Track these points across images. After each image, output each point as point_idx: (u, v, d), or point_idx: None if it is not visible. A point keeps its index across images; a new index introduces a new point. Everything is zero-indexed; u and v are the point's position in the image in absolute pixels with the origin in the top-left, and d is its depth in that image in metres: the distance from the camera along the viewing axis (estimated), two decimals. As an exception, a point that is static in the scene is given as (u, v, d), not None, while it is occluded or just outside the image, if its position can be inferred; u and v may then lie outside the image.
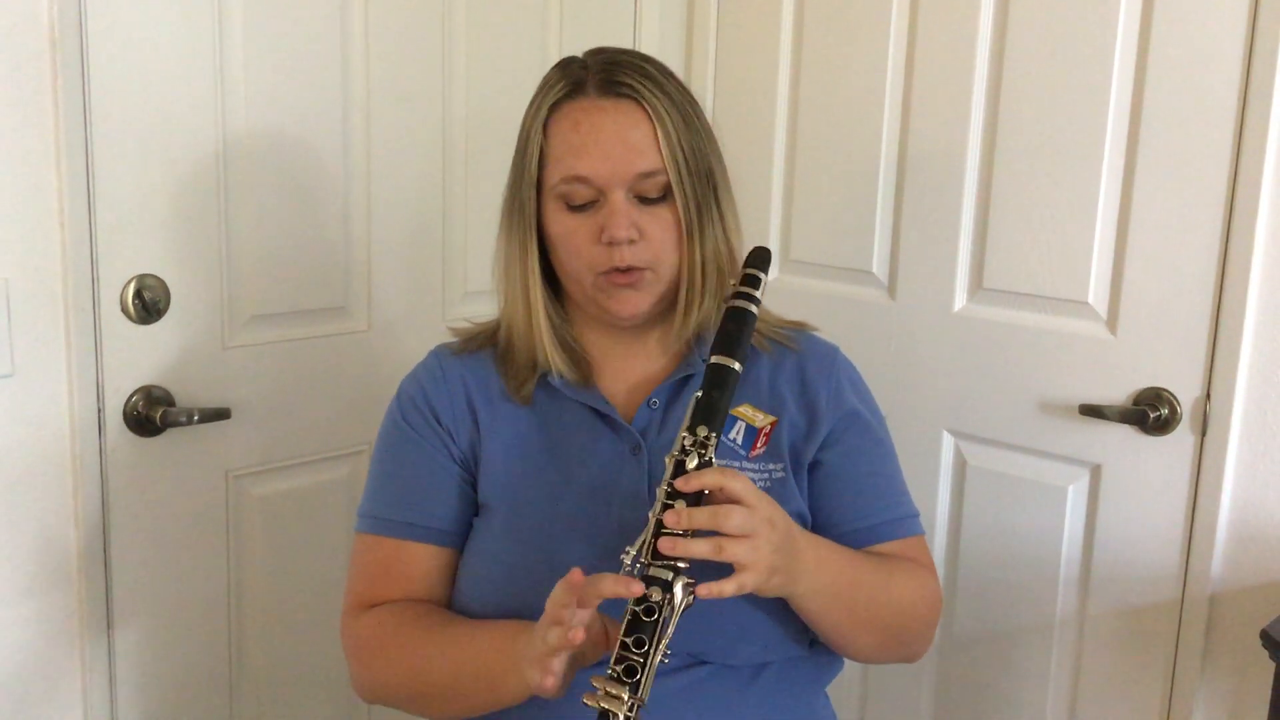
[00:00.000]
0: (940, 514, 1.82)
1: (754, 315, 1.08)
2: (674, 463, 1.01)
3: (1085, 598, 1.68)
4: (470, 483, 1.19)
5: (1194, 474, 1.56)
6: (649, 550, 0.97)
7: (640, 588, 0.94)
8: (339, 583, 1.24)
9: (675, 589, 0.96)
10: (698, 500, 0.99)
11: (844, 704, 1.93)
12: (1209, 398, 1.53)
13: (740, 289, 1.08)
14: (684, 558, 0.96)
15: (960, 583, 1.81)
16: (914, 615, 1.18)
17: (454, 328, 1.28)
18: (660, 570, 0.96)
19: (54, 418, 1.42)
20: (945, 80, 1.73)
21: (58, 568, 1.45)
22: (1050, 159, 1.64)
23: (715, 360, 1.05)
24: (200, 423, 1.52)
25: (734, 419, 1.15)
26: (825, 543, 1.10)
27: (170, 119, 1.48)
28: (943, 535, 1.82)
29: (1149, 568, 1.60)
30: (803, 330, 1.26)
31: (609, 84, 1.11)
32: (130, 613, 1.53)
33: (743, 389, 1.17)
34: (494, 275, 1.20)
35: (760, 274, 1.09)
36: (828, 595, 1.08)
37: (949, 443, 1.80)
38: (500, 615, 1.11)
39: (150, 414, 1.49)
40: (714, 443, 1.01)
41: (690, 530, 0.96)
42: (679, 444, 1.01)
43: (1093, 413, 1.61)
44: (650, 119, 1.10)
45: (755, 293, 1.08)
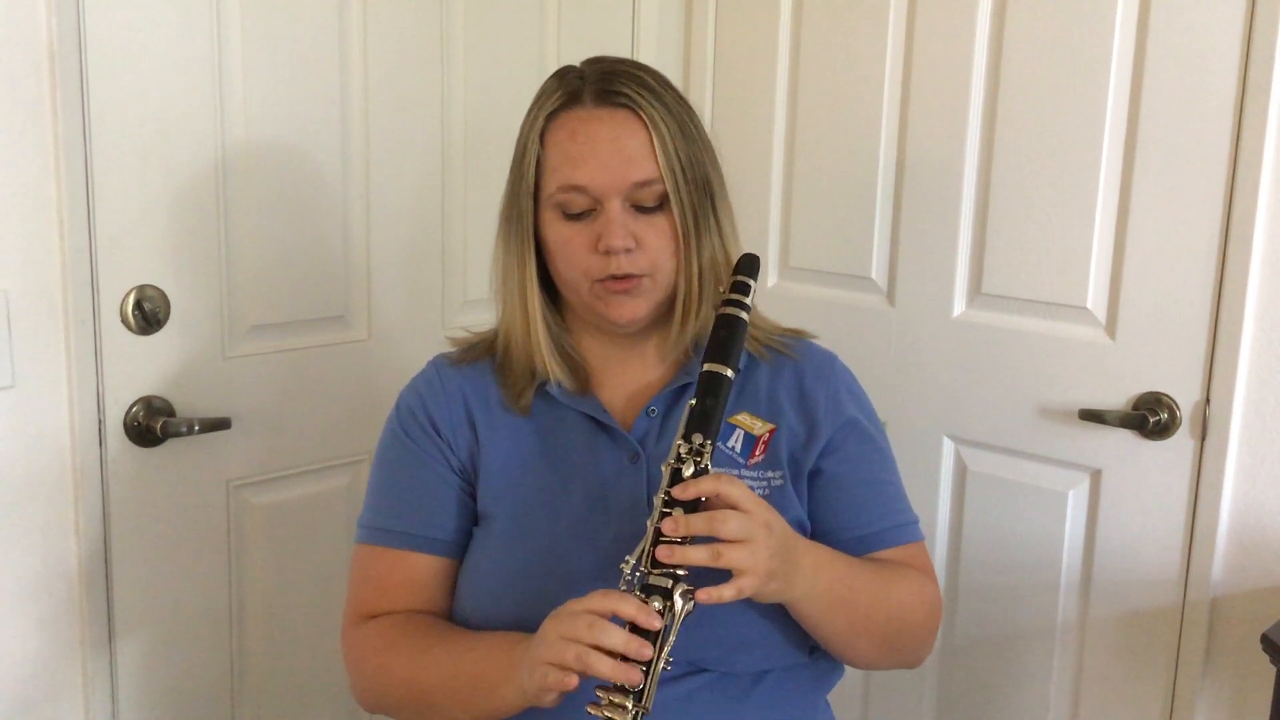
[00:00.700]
0: (941, 519, 1.82)
1: (744, 322, 1.07)
2: (670, 471, 1.01)
3: (1086, 603, 1.68)
4: (470, 493, 1.19)
5: (1194, 478, 1.56)
6: (648, 559, 0.98)
7: (659, 623, 0.95)
8: (340, 592, 1.24)
9: (675, 597, 0.96)
10: (695, 508, 0.99)
11: (845, 711, 1.92)
12: (1208, 402, 1.53)
13: (730, 296, 1.08)
14: (682, 565, 0.97)
15: (961, 588, 1.80)
16: (914, 621, 1.18)
17: (452, 338, 1.28)
18: (660, 579, 0.97)
19: (54, 429, 1.42)
20: (943, 86, 1.73)
21: (59, 579, 1.45)
22: (1048, 164, 1.64)
23: (708, 368, 1.05)
24: (201, 433, 1.52)
25: (732, 427, 1.15)
26: (823, 549, 1.10)
27: (169, 129, 1.48)
28: (943, 541, 1.82)
29: (1150, 572, 1.60)
30: (800, 338, 1.26)
31: (606, 94, 1.11)
32: (132, 623, 1.53)
33: (741, 397, 1.18)
34: (492, 284, 1.21)
35: (750, 280, 1.09)
36: (826, 601, 1.08)
37: (949, 448, 1.80)
38: (500, 624, 1.11)
39: (151, 424, 1.49)
40: (709, 450, 1.02)
41: (688, 537, 0.97)
42: (674, 452, 1.02)
43: (1092, 418, 1.61)
44: (647, 128, 1.10)
45: (745, 299, 1.08)
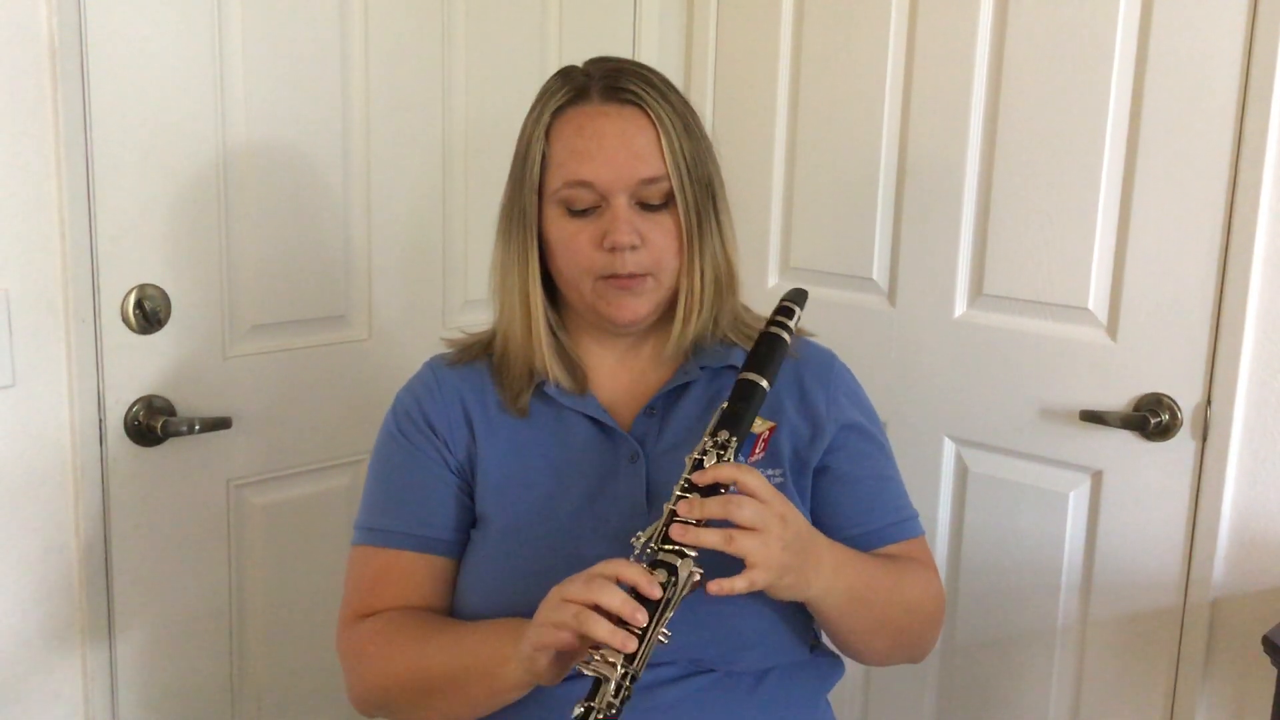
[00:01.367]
0: (941, 520, 1.82)
1: (786, 342, 1.10)
2: (693, 462, 1.02)
3: (1087, 604, 1.68)
4: (468, 493, 1.19)
5: (1195, 479, 1.55)
6: (660, 537, 0.98)
7: (660, 593, 0.95)
8: (340, 591, 1.23)
9: (679, 570, 0.96)
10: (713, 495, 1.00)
11: (845, 711, 1.92)
12: (1210, 403, 1.53)
13: (775, 317, 1.11)
14: (694, 546, 0.97)
15: (962, 589, 1.80)
16: (923, 615, 1.19)
17: (448, 338, 1.28)
18: (669, 555, 0.97)
19: (55, 428, 1.42)
20: (944, 86, 1.73)
21: (59, 578, 1.45)
22: (1050, 164, 1.63)
23: (744, 376, 1.07)
24: (201, 432, 1.52)
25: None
26: (843, 549, 1.11)
27: (170, 129, 1.48)
28: (944, 541, 1.82)
29: (1150, 573, 1.60)
30: (799, 337, 1.26)
31: (613, 90, 1.11)
32: (132, 622, 1.53)
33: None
34: (490, 284, 1.20)
35: (796, 307, 1.12)
36: (847, 600, 1.09)
37: (950, 449, 1.80)
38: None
39: (151, 424, 1.49)
40: (734, 446, 1.03)
41: (703, 522, 0.98)
42: (700, 446, 1.03)
43: (1093, 419, 1.60)
44: (654, 125, 1.11)
45: (789, 322, 1.11)
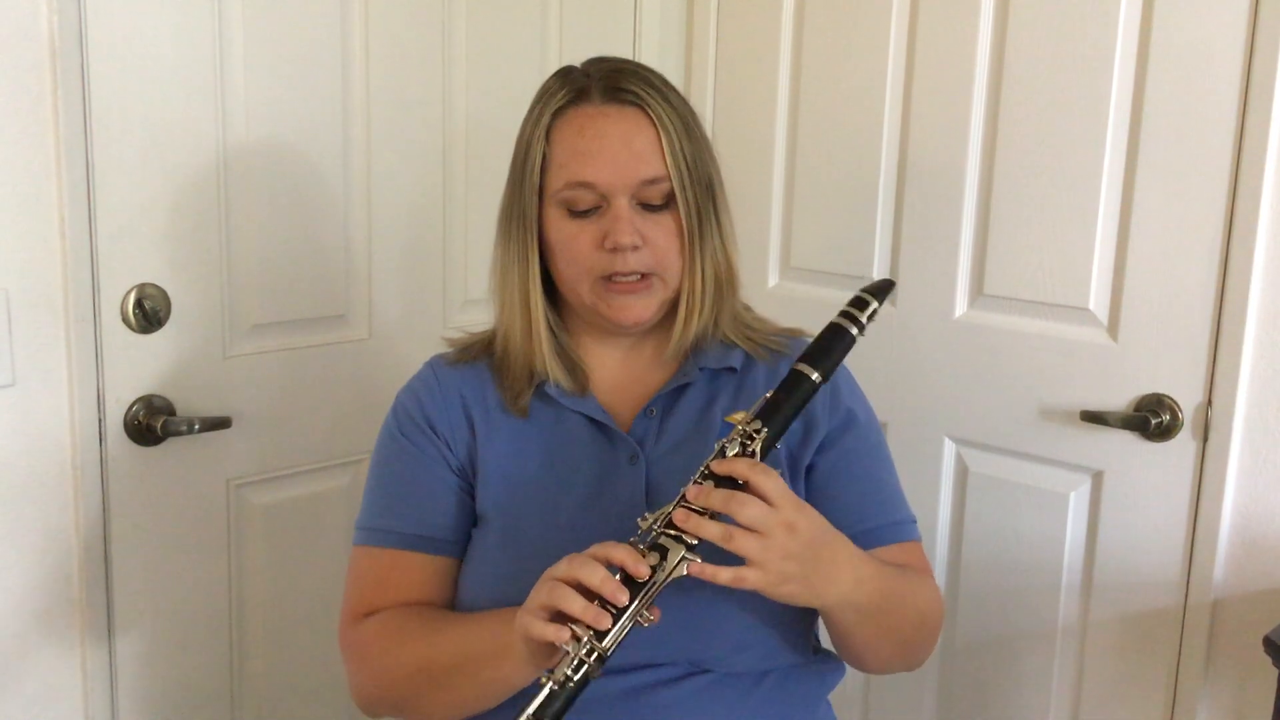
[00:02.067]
0: (942, 520, 1.81)
1: (850, 335, 1.05)
2: (719, 447, 1.01)
3: (1087, 604, 1.67)
4: (469, 493, 1.19)
5: (1196, 480, 1.55)
6: (664, 521, 0.98)
7: (646, 573, 0.95)
8: (340, 591, 1.23)
9: (669, 554, 0.96)
10: (731, 488, 0.99)
11: (845, 711, 1.92)
12: (1210, 404, 1.53)
13: (846, 308, 1.06)
14: (694, 534, 0.96)
15: (962, 589, 1.80)
16: (927, 624, 1.18)
17: (448, 338, 1.28)
18: (669, 541, 0.97)
19: (55, 427, 1.42)
20: (945, 86, 1.73)
21: (59, 577, 1.45)
22: (1050, 165, 1.63)
23: (797, 368, 1.04)
24: (201, 432, 1.52)
25: (728, 425, 1.15)
26: (866, 559, 1.07)
27: (170, 128, 1.48)
28: (944, 541, 1.82)
29: (1151, 574, 1.60)
30: (797, 336, 1.26)
31: (613, 90, 1.11)
32: (131, 622, 1.53)
33: (738, 396, 1.18)
34: (490, 284, 1.20)
35: (872, 299, 1.06)
36: (864, 612, 1.07)
37: (950, 449, 1.80)
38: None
39: (151, 423, 1.49)
40: (762, 437, 1.01)
41: (710, 511, 0.97)
42: (732, 433, 1.01)
43: (1094, 419, 1.60)
44: (655, 126, 1.10)
45: (860, 315, 1.05)
